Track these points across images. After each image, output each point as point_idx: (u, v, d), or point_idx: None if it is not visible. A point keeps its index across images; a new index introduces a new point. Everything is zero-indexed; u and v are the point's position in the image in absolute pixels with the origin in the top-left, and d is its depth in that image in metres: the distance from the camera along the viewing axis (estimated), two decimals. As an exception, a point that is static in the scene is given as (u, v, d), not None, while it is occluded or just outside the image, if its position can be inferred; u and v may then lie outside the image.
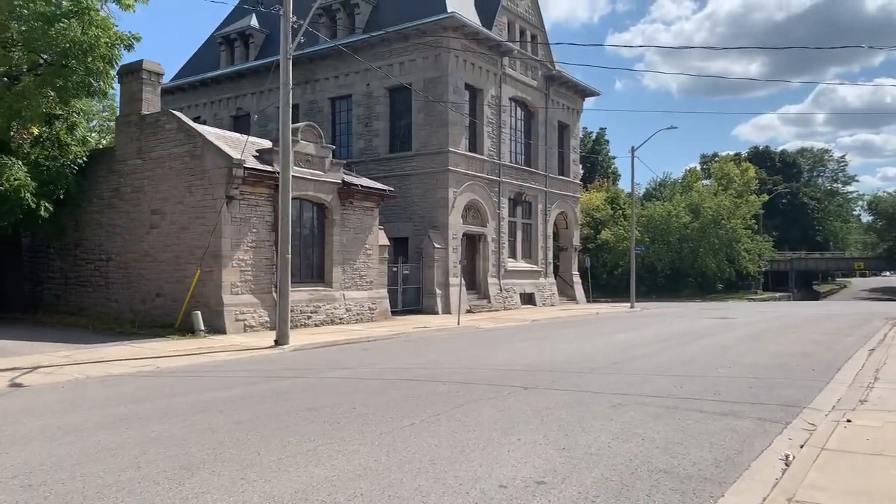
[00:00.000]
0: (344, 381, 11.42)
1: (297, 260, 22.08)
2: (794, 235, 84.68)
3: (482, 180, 31.11)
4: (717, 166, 67.31)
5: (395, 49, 30.31)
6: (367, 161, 30.95)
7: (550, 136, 36.72)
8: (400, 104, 30.79)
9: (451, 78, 29.12)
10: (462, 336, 20.05)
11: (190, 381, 11.64)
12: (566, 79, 37.16)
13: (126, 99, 22.12)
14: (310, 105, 33.19)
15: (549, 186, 36.48)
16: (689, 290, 57.55)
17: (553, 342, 17.73)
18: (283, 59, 17.03)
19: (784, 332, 20.34)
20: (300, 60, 32.71)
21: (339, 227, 23.09)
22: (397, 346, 17.23)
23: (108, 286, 22.26)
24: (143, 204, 21.38)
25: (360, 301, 23.75)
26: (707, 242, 55.09)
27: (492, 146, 31.89)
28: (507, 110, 33.14)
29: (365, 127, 31.25)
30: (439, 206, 29.06)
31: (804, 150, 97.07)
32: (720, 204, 55.65)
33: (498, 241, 32.30)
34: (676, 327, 22.76)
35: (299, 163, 21.82)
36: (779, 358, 14.14)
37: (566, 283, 39.15)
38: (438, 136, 29.11)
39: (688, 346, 16.37)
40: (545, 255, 36.34)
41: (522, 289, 34.13)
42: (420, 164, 29.64)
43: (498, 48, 31.50)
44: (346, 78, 31.79)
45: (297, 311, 21.25)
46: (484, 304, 30.91)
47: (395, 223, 29.97)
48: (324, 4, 32.38)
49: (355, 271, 23.73)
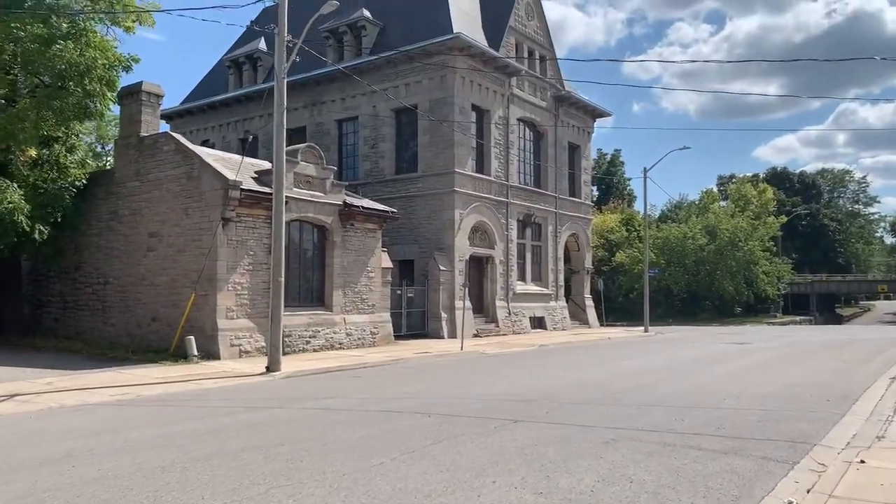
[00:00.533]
0: (324, 412, 10.82)
1: (297, 283, 21.65)
2: (815, 257, 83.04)
3: (489, 202, 30.58)
4: (733, 187, 66.29)
5: (402, 70, 30.05)
6: (373, 183, 30.57)
7: (560, 157, 36.18)
8: (406, 126, 30.46)
9: (457, 99, 28.75)
10: (462, 362, 19.38)
11: (164, 410, 11.10)
12: (576, 99, 36.69)
13: (126, 121, 21.94)
14: (317, 127, 32.97)
15: (559, 208, 35.87)
16: (707, 314, 56.37)
17: (555, 369, 17.01)
18: (278, 78, 16.70)
19: (800, 359, 19.44)
20: (307, 83, 32.67)
21: (339, 249, 22.62)
22: (392, 373, 16.60)
23: (105, 310, 21.91)
24: (141, 226, 21.07)
25: (361, 325, 23.19)
26: (724, 265, 54.01)
27: (499, 167, 31.41)
28: (515, 131, 32.68)
29: (371, 149, 30.93)
30: (445, 228, 28.54)
31: (824, 170, 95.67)
32: (737, 226, 54.63)
33: (506, 263, 31.66)
34: (688, 353, 21.92)
35: (299, 184, 21.44)
36: (792, 388, 13.33)
37: (578, 306, 38.33)
38: (444, 157, 28.68)
39: (696, 374, 15.58)
40: (556, 277, 35.61)
41: (532, 312, 33.39)
42: (426, 186, 29.19)
43: (505, 69, 31.13)
44: (352, 100, 31.56)
45: (294, 335, 20.74)
46: (492, 328, 30.21)
47: (400, 245, 29.48)
48: (331, 27, 32.31)
49: (357, 294, 23.20)
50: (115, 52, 19.94)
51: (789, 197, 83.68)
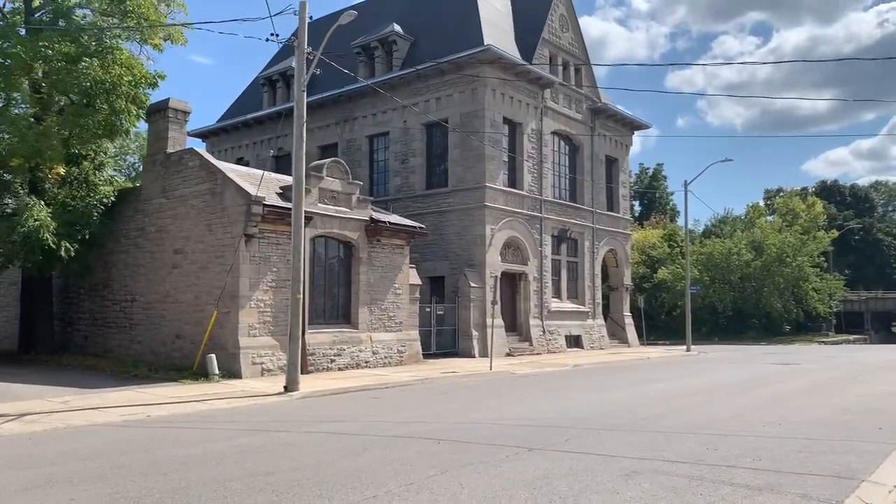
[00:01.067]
0: (329, 436, 10.25)
1: (322, 300, 21.26)
2: (869, 274, 79.71)
3: (522, 216, 29.86)
4: (780, 201, 64.13)
5: (432, 84, 29.69)
6: (403, 198, 30.18)
7: (597, 171, 35.28)
8: (437, 140, 30.05)
9: (488, 112, 28.21)
10: (489, 383, 18.64)
11: (166, 432, 10.68)
12: (613, 111, 35.81)
13: (153, 138, 21.98)
14: (348, 143, 32.81)
15: (596, 223, 34.91)
16: (754, 333, 54.29)
17: (584, 391, 16.16)
18: (297, 91, 16.36)
19: (852, 382, 18.16)
20: (339, 100, 32.60)
21: (366, 265, 22.18)
22: (414, 393, 15.97)
23: (131, 327, 21.84)
24: (167, 243, 20.98)
25: (388, 343, 22.64)
26: (771, 281, 51.99)
27: (532, 181, 30.69)
28: (549, 144, 31.96)
29: (401, 164, 30.57)
30: (476, 244, 27.91)
31: (878, 183, 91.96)
32: (784, 241, 52.61)
33: (540, 280, 30.83)
34: (730, 374, 20.78)
35: (324, 200, 21.11)
36: (840, 414, 12.26)
37: (617, 324, 37.15)
38: (475, 171, 28.13)
39: (736, 398, 14.57)
40: (593, 294, 34.59)
41: (568, 331, 32.41)
42: (456, 201, 28.65)
43: (538, 81, 30.51)
44: (383, 115, 31.30)
45: (318, 353, 20.31)
46: (525, 346, 29.36)
47: (431, 262, 28.95)
48: (362, 43, 32.21)
49: (383, 312, 22.69)
50: (141, 69, 19.95)
51: (840, 211, 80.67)
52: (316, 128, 34.15)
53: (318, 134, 34.09)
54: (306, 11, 16.35)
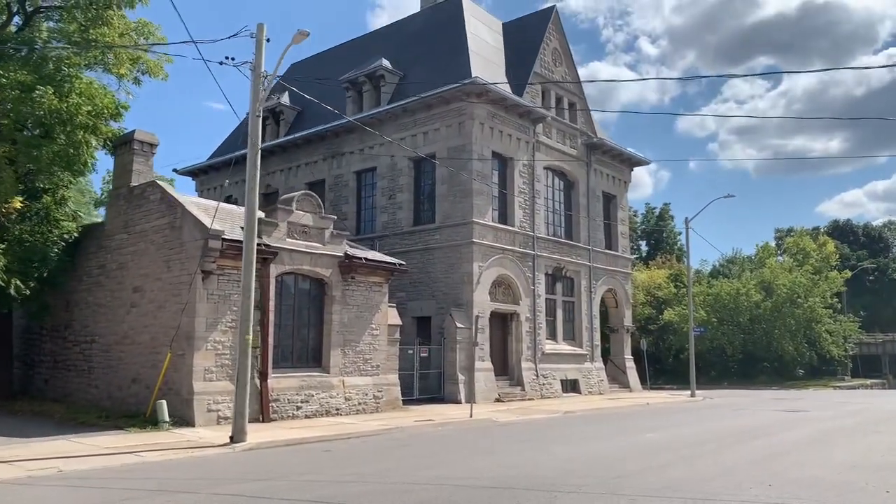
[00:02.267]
0: (245, 500, 8.85)
1: (290, 342, 19.95)
2: (886, 315, 77.16)
3: (513, 254, 28.56)
4: (791, 241, 62.28)
5: (420, 118, 28.78)
6: (390, 235, 29.01)
7: (594, 208, 34.03)
8: (425, 175, 29.01)
9: (476, 145, 27.18)
10: (464, 433, 17.12)
11: (63, 493, 9.32)
12: (609, 147, 34.73)
13: (118, 171, 21.02)
14: (335, 179, 31.85)
15: (593, 261, 33.52)
16: (765, 377, 52.11)
17: (565, 443, 14.62)
18: (252, 115, 15.36)
19: (861, 433, 16.49)
20: (326, 135, 31.79)
21: (339, 304, 20.87)
22: (372, 446, 14.50)
23: (90, 371, 20.55)
24: (126, 281, 19.82)
25: (363, 389, 21.18)
26: (782, 323, 50.02)
27: (524, 217, 29.46)
28: (542, 179, 30.81)
29: (388, 200, 29.49)
30: (463, 282, 26.57)
31: (891, 222, 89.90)
32: (795, 281, 50.80)
33: (533, 320, 29.34)
34: (729, 423, 19.12)
35: (294, 234, 19.96)
36: (844, 472, 10.70)
37: (618, 368, 35.42)
38: (462, 206, 26.97)
39: (729, 451, 13.00)
40: (591, 336, 32.98)
41: (564, 374, 30.76)
42: (444, 237, 27.43)
43: (529, 115, 29.53)
44: (370, 150, 30.37)
45: (283, 400, 18.90)
46: (516, 391, 27.73)
47: (417, 301, 27.64)
48: (350, 78, 31.51)
49: (358, 354, 21.29)
50: (104, 100, 19.08)
51: (854, 251, 78.66)
52: (304, 164, 33.34)
53: (306, 170, 33.21)
54: (263, 33, 15.43)
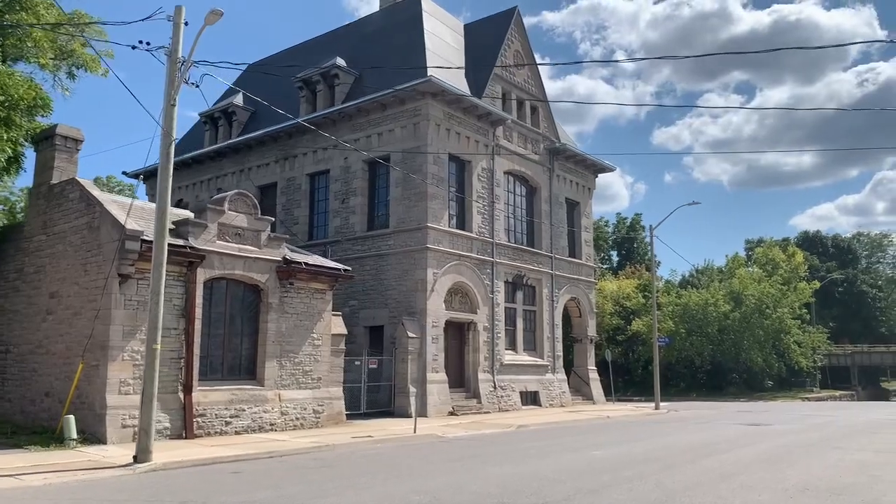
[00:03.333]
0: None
1: (220, 352, 18.62)
2: (855, 327, 77.31)
3: (471, 260, 27.45)
4: (760, 251, 62.09)
5: (374, 119, 27.66)
6: (342, 241, 27.78)
7: (557, 214, 33.09)
8: (380, 179, 27.85)
9: (432, 147, 26.10)
10: (399, 450, 15.90)
11: None
12: (573, 152, 33.85)
13: (39, 168, 19.59)
14: (288, 183, 30.56)
15: (556, 269, 32.52)
16: (735, 388, 51.56)
17: (500, 463, 13.46)
18: (167, 103, 14.07)
19: (822, 449, 15.54)
20: (279, 136, 30.56)
21: (276, 312, 19.58)
22: (289, 467, 13.22)
23: (3, 383, 19.06)
24: (43, 286, 18.39)
25: (301, 402, 19.87)
26: (751, 334, 49.53)
27: (483, 223, 28.40)
28: (502, 184, 29.79)
29: (342, 204, 28.26)
30: (417, 290, 25.39)
31: (860, 234, 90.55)
32: (764, 291, 50.37)
33: (492, 329, 28.22)
34: (686, 438, 18.11)
35: (225, 237, 18.66)
36: (794, 496, 9.67)
37: (581, 379, 34.41)
38: (417, 210, 25.83)
39: (675, 471, 11.93)
40: (552, 346, 31.93)
41: (524, 386, 29.64)
42: (397, 243, 26.26)
43: (488, 117, 28.52)
44: (324, 152, 29.16)
45: (210, 414, 17.54)
46: (473, 404, 26.55)
47: (370, 309, 26.42)
48: (304, 77, 30.31)
49: (297, 366, 19.99)
50: (20, 90, 17.72)
51: (823, 262, 78.87)
52: (255, 166, 32.03)
53: (258, 172, 31.90)
54: (182, 16, 14.21)
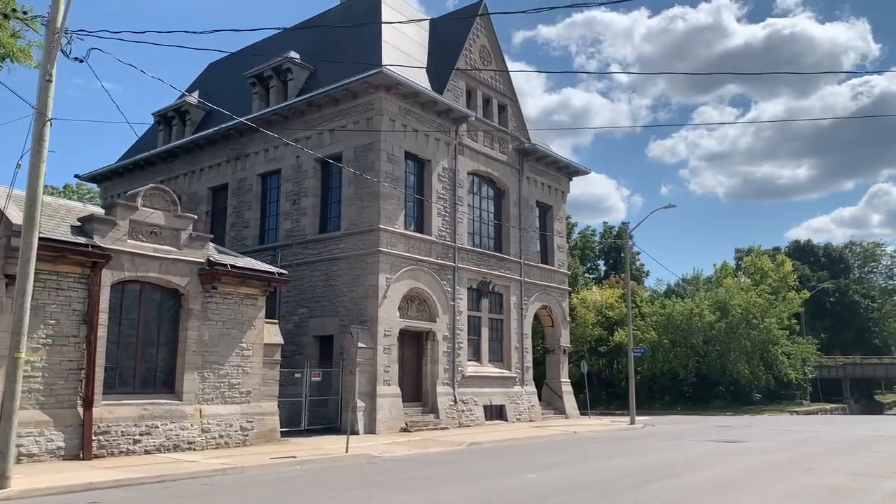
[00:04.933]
0: None
1: (131, 362, 16.83)
2: (848, 338, 75.56)
3: (430, 266, 25.73)
4: (748, 260, 60.44)
5: (326, 115, 26.01)
6: (293, 244, 26.06)
7: (527, 218, 31.42)
8: (333, 178, 26.16)
9: (385, 144, 24.45)
10: (316, 474, 14.10)
11: None
12: (543, 153, 32.21)
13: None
14: (239, 183, 28.85)
15: (525, 275, 30.80)
16: (721, 401, 49.67)
17: (416, 490, 11.68)
18: (42, 79, 12.36)
19: (791, 471, 13.77)
20: (230, 135, 28.90)
21: (198, 319, 17.80)
22: (169, 495, 11.41)
23: None
24: (-65, 289, 16.57)
25: (226, 419, 18.04)
26: (737, 345, 47.76)
27: (444, 226, 26.70)
28: (465, 185, 28.12)
29: (293, 205, 26.55)
30: (368, 296, 23.64)
31: (852, 244, 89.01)
32: (750, 301, 48.66)
33: (452, 339, 26.44)
34: (643, 458, 16.33)
35: (139, 235, 16.93)
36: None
37: (554, 392, 32.61)
38: (369, 211, 24.14)
39: (608, 500, 10.15)
40: (521, 357, 30.14)
41: (488, 400, 27.83)
42: (349, 246, 24.54)
43: (449, 114, 26.89)
44: (275, 151, 27.48)
45: (115, 432, 15.74)
46: (430, 419, 24.72)
47: (319, 318, 24.67)
48: (256, 72, 28.70)
49: (222, 378, 18.18)
50: None
51: (815, 272, 77.28)
52: (207, 167, 30.33)
53: (210, 174, 30.20)
54: (61, -19, 12.55)
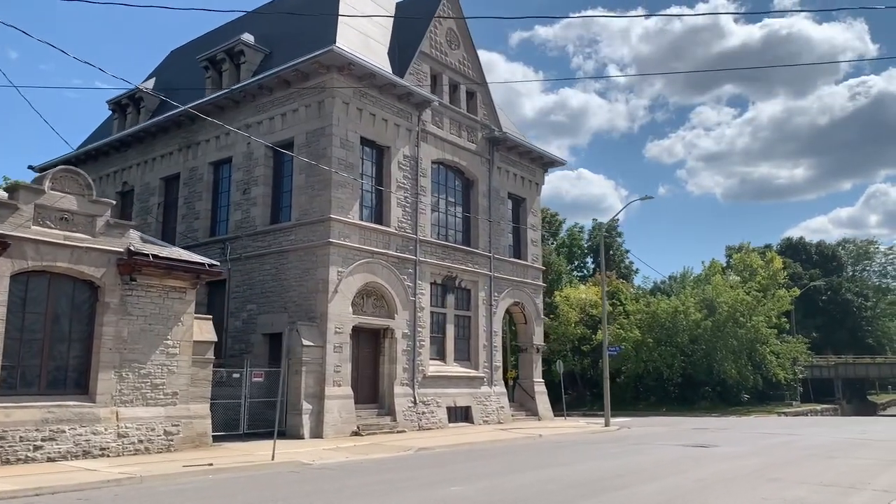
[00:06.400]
0: None
1: (37, 361, 15.32)
2: (841, 337, 74.07)
3: (388, 259, 24.24)
4: (737, 257, 59.04)
5: (278, 99, 24.51)
6: (242, 236, 24.55)
7: (497, 211, 29.93)
8: (285, 165, 24.62)
9: (338, 128, 22.95)
10: (219, 485, 12.61)
11: None
12: (515, 142, 30.71)
13: None
14: (191, 173, 27.32)
15: (495, 270, 29.32)
16: (707, 402, 48.18)
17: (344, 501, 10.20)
18: None
19: (752, 482, 12.30)
20: (182, 122, 27.35)
21: (116, 313, 16.30)
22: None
23: None
24: None
25: (148, 422, 16.53)
26: (724, 344, 46.28)
27: (405, 217, 25.20)
28: (429, 174, 26.63)
29: (243, 195, 25.04)
30: (318, 291, 22.14)
31: (845, 241, 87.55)
32: (737, 298, 47.20)
33: (413, 337, 24.93)
34: (593, 466, 14.87)
35: (47, 221, 15.42)
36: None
37: (526, 393, 31.14)
38: (320, 201, 22.65)
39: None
40: (490, 356, 28.64)
41: (453, 401, 26.32)
42: (299, 238, 23.04)
43: (409, 98, 25.39)
44: (227, 138, 25.95)
45: (12, 438, 14.25)
46: (386, 422, 23.22)
47: (269, 314, 23.18)
48: (209, 55, 27.19)
49: (144, 379, 16.68)
50: None
51: (807, 270, 75.82)
52: (159, 156, 28.81)
53: (162, 163, 28.67)
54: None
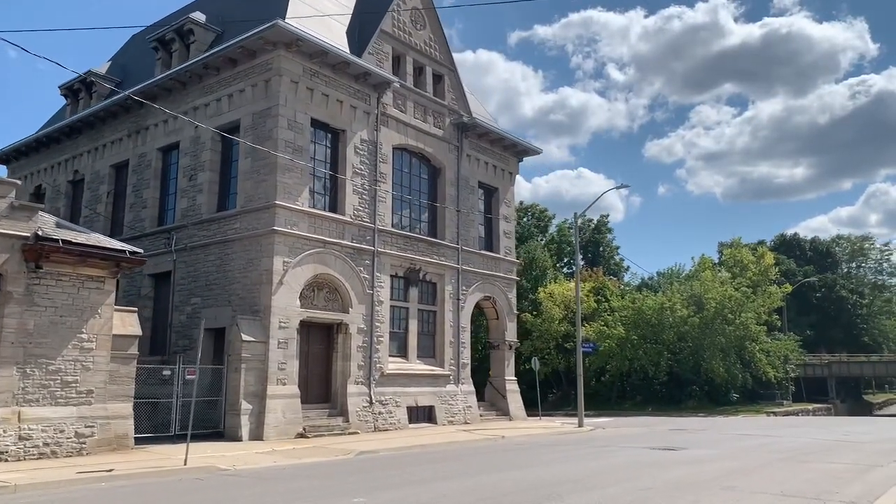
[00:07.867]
0: None
1: (-77, 356, 13.81)
2: (835, 335, 72.63)
3: (342, 249, 22.78)
4: (728, 252, 57.61)
5: (225, 79, 23.05)
6: (188, 225, 23.11)
7: (466, 200, 28.47)
8: (233, 150, 23.14)
9: (285, 109, 21.49)
10: (103, 495, 11.16)
11: None
12: (485, 129, 29.23)
13: None
14: (140, 159, 25.86)
15: (463, 263, 27.86)
16: (695, 402, 46.66)
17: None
18: None
19: (704, 491, 10.83)
20: (131, 106, 25.85)
21: (20, 304, 14.85)
22: None
23: None
24: None
25: (57, 423, 15.08)
26: (711, 341, 44.79)
27: (361, 205, 23.74)
28: (389, 160, 25.17)
29: (189, 181, 23.59)
30: (262, 282, 20.69)
31: (839, 237, 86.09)
32: (726, 294, 45.70)
33: (370, 332, 23.48)
34: (544, 472, 13.42)
35: (-64, 202, 13.96)
36: None
37: (497, 392, 29.68)
38: (265, 186, 21.19)
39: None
40: (457, 353, 27.18)
41: (414, 400, 24.86)
42: (244, 226, 21.60)
43: (366, 79, 23.93)
44: (175, 122, 24.46)
45: None
46: (338, 423, 21.76)
47: (213, 308, 21.72)
48: (158, 36, 25.75)
49: (53, 375, 15.22)
50: None
51: (801, 266, 74.44)
52: (109, 142, 27.38)
53: (112, 150, 27.21)
54: None
